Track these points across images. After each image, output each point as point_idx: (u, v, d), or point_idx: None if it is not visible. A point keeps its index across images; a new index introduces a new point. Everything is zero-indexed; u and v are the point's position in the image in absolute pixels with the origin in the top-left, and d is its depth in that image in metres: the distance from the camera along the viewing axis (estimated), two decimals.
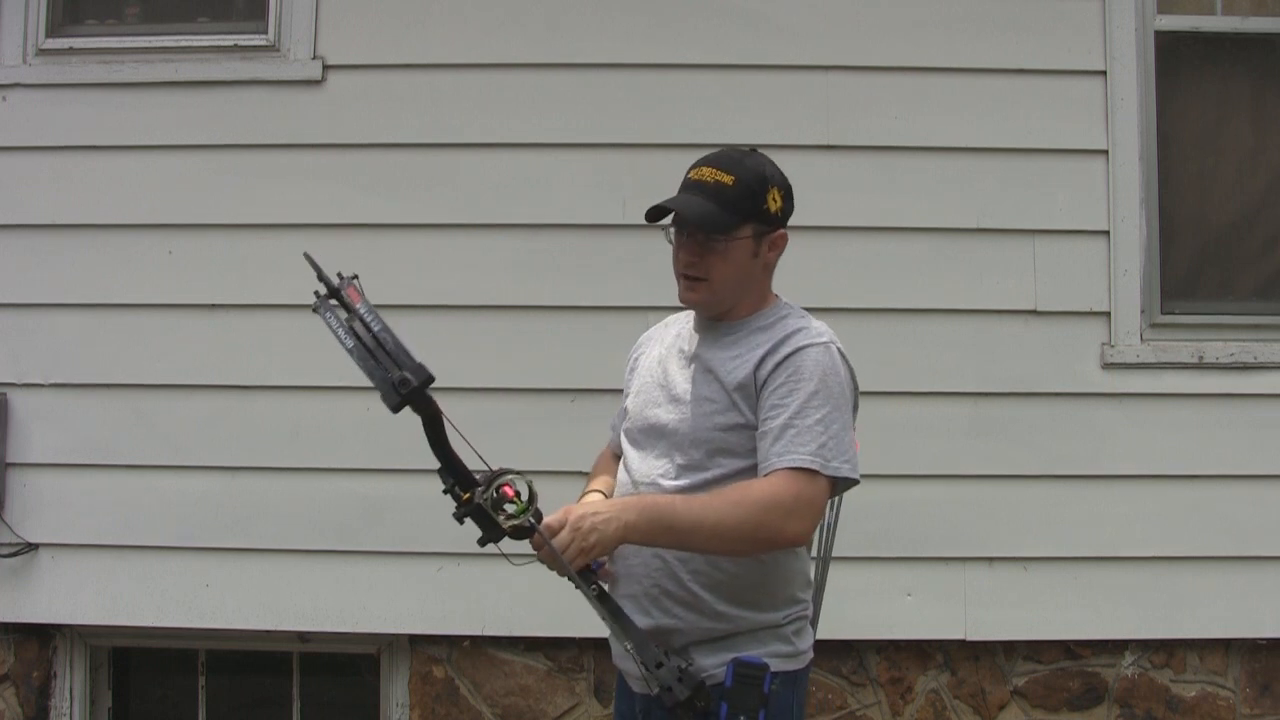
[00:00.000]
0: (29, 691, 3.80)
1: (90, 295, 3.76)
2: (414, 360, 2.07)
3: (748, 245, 2.22)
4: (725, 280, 2.24)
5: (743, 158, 2.26)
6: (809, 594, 2.30)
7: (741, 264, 2.23)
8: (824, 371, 2.16)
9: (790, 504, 2.09)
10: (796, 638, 2.24)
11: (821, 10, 3.74)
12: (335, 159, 3.76)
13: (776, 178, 2.25)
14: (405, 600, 3.67)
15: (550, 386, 3.67)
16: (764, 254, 2.26)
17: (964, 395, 3.67)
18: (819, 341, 2.19)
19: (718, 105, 3.70)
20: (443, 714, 3.75)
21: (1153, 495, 3.66)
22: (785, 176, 2.28)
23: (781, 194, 2.24)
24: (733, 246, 2.22)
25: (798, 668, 2.24)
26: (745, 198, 2.20)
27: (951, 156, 3.72)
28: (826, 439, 2.11)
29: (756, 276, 2.27)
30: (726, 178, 2.21)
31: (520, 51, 3.77)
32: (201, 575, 3.70)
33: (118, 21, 3.96)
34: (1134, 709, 3.70)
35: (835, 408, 2.14)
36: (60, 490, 3.74)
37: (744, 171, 2.22)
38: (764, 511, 2.08)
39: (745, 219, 2.21)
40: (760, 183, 2.22)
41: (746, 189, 2.21)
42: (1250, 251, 3.86)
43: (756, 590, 2.20)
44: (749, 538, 2.10)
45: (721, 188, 2.20)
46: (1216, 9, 3.80)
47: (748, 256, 2.23)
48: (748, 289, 2.27)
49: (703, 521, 2.08)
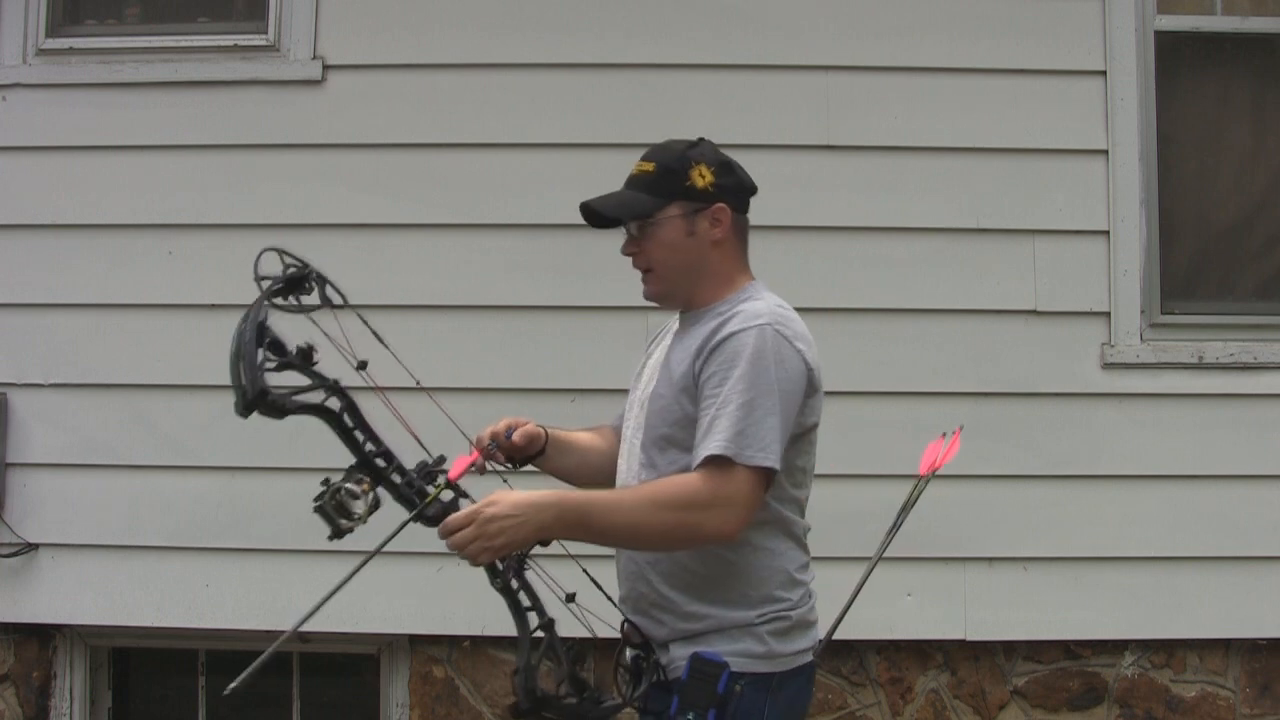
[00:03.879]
0: (29, 691, 3.80)
1: (90, 295, 3.76)
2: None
3: (679, 224, 2.20)
4: (666, 265, 2.22)
5: (668, 145, 2.26)
6: (794, 593, 2.18)
7: (678, 245, 2.20)
8: (753, 355, 2.07)
9: (706, 500, 2.02)
10: (774, 638, 2.15)
11: (821, 10, 3.74)
12: (335, 159, 3.76)
13: (706, 156, 2.22)
14: (405, 600, 3.67)
15: (550, 386, 3.67)
16: (704, 231, 2.20)
17: (964, 395, 3.66)
18: (753, 324, 2.10)
19: (718, 105, 3.70)
20: (443, 714, 3.75)
21: (1153, 495, 3.66)
22: (724, 157, 2.24)
23: (713, 170, 2.20)
24: (662, 229, 2.20)
25: (772, 670, 2.14)
26: (665, 178, 2.20)
27: (951, 156, 3.72)
28: (745, 426, 2.03)
29: (706, 257, 2.22)
30: (648, 165, 2.23)
31: (520, 51, 3.77)
32: (201, 575, 3.70)
33: (118, 21, 3.97)
34: (1134, 709, 3.70)
35: (761, 392, 2.05)
36: (60, 490, 3.74)
37: (664, 155, 2.23)
38: (679, 509, 2.03)
39: (669, 198, 2.19)
40: (680, 161, 2.20)
41: (665, 170, 2.20)
42: (1250, 251, 3.86)
43: (725, 588, 2.15)
44: (667, 536, 2.06)
45: (643, 176, 2.23)
46: (1216, 9, 3.80)
47: (682, 236, 2.20)
48: (699, 272, 2.22)
49: (619, 521, 2.05)
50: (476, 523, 2.02)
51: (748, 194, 2.28)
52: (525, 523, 2.01)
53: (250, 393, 2.10)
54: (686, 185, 2.19)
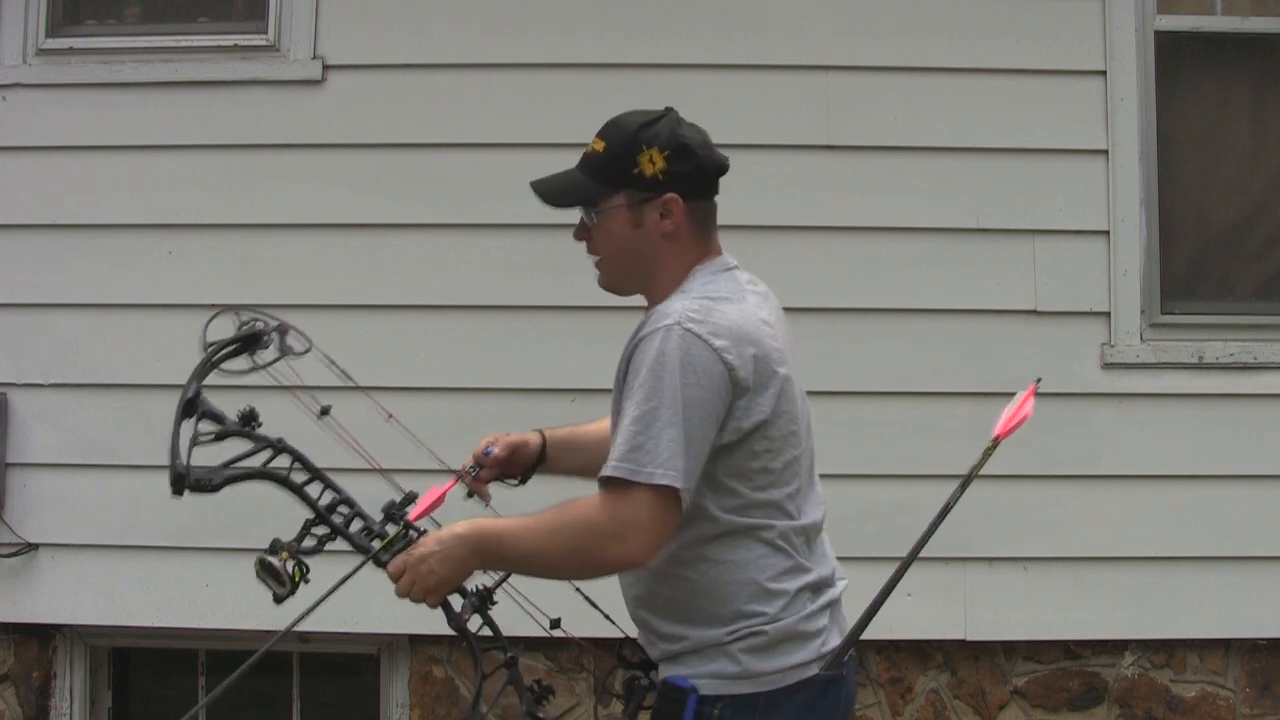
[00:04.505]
0: (29, 691, 3.80)
1: (90, 295, 3.76)
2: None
3: (622, 215, 2.04)
4: (611, 256, 2.09)
5: (622, 120, 2.07)
6: (771, 605, 1.99)
7: (622, 236, 2.05)
8: (653, 361, 1.89)
9: (603, 526, 1.88)
10: (750, 656, 1.98)
11: (821, 10, 3.74)
12: (335, 159, 3.76)
13: (660, 137, 2.01)
14: (405, 600, 3.66)
15: (550, 387, 3.67)
16: (652, 223, 2.03)
17: (964, 395, 3.66)
18: (659, 326, 1.92)
19: (718, 105, 3.69)
20: (443, 714, 3.74)
21: (1153, 495, 3.66)
22: (681, 138, 2.02)
23: (665, 155, 2.00)
24: (608, 218, 2.05)
25: (755, 690, 1.98)
26: (612, 163, 2.03)
27: (951, 156, 3.72)
28: (642, 441, 1.86)
29: (655, 250, 2.04)
30: (599, 144, 2.07)
31: (520, 51, 3.77)
32: (201, 575, 3.70)
33: (118, 21, 3.96)
34: (1134, 709, 3.70)
35: (661, 402, 1.87)
36: (60, 490, 3.74)
37: (616, 134, 2.05)
38: (578, 537, 1.92)
39: (615, 186, 2.03)
40: (629, 145, 2.02)
41: (612, 154, 2.04)
42: (1250, 251, 3.86)
43: (690, 607, 2.01)
44: (574, 565, 1.97)
45: (593, 156, 2.08)
46: (1216, 9, 3.80)
47: (626, 228, 2.04)
48: (649, 265, 2.06)
49: (527, 552, 1.97)
50: (409, 567, 2.02)
51: (710, 177, 2.07)
52: (448, 555, 1.98)
53: (171, 475, 2.11)
54: (634, 173, 2.01)
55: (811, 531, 2.09)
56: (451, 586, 2.04)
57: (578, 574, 2.05)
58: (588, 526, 1.91)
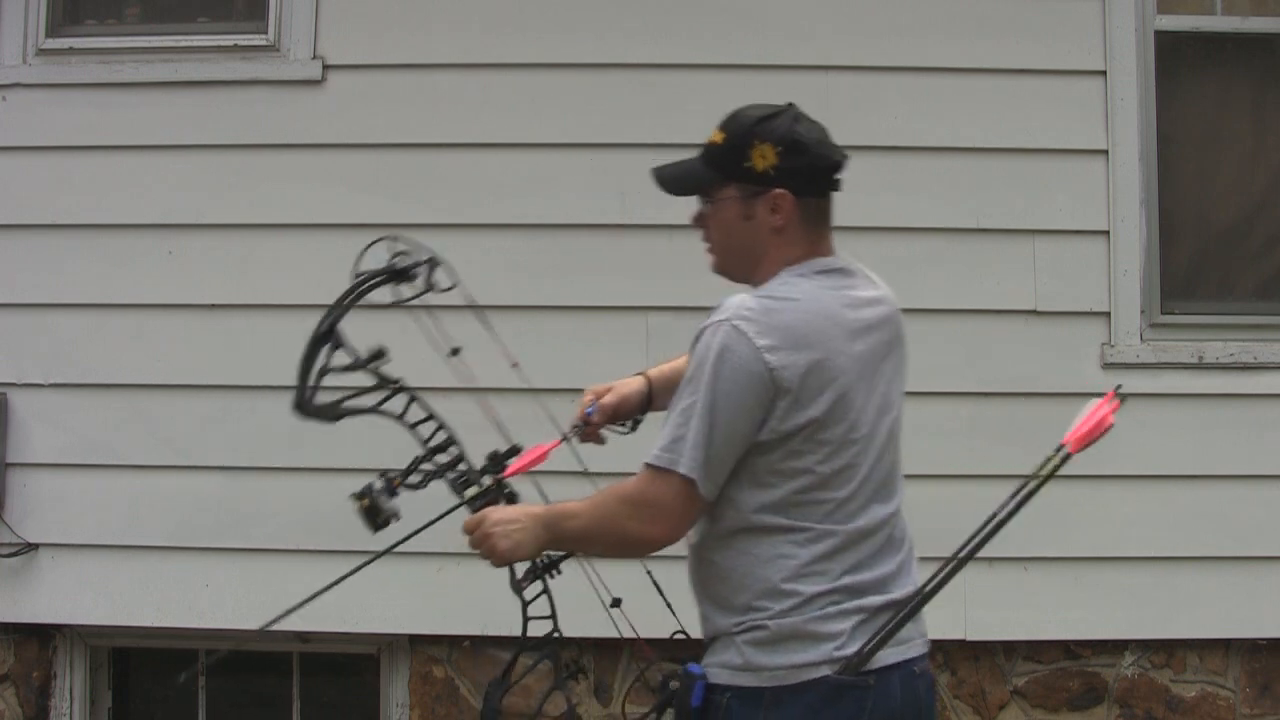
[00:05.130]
0: (29, 691, 3.80)
1: (90, 295, 3.76)
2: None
3: (734, 207, 2.07)
4: (721, 246, 2.13)
5: (742, 112, 2.11)
6: (780, 602, 2.01)
7: (730, 227, 2.09)
8: (699, 356, 1.97)
9: (636, 502, 2.00)
10: (752, 649, 2.01)
11: (821, 10, 3.74)
12: (335, 159, 3.76)
13: (774, 133, 2.04)
14: (405, 600, 3.67)
15: (550, 386, 3.66)
16: (761, 216, 2.06)
17: (964, 395, 3.66)
18: (714, 321, 1.98)
19: (718, 105, 3.68)
20: (443, 714, 3.74)
21: (1153, 495, 3.66)
22: (796, 134, 2.05)
23: (777, 150, 2.03)
24: (719, 208, 2.09)
25: (759, 684, 2.00)
26: (726, 155, 2.07)
27: (951, 156, 3.72)
28: (681, 432, 1.96)
29: (764, 243, 2.07)
30: (718, 135, 2.11)
31: (520, 51, 3.77)
32: (201, 575, 3.70)
33: (117, 21, 3.96)
34: (1134, 709, 3.70)
35: (699, 398, 1.95)
36: (60, 490, 3.74)
37: (733, 126, 2.09)
38: (616, 515, 2.03)
39: (728, 178, 2.07)
40: (743, 138, 2.05)
41: (728, 146, 2.07)
42: (1250, 251, 3.86)
43: (713, 591, 2.09)
44: (613, 542, 2.07)
45: (712, 147, 2.11)
46: (1216, 9, 3.80)
47: (737, 219, 2.08)
48: (757, 258, 2.09)
49: (582, 529, 2.07)
50: (486, 527, 2.10)
51: (823, 175, 2.09)
52: (525, 530, 2.09)
53: (295, 399, 2.26)
54: (746, 166, 2.05)
55: (862, 538, 2.06)
56: (518, 559, 2.14)
57: (616, 550, 2.13)
58: (623, 504, 2.02)
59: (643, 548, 2.08)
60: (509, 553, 2.11)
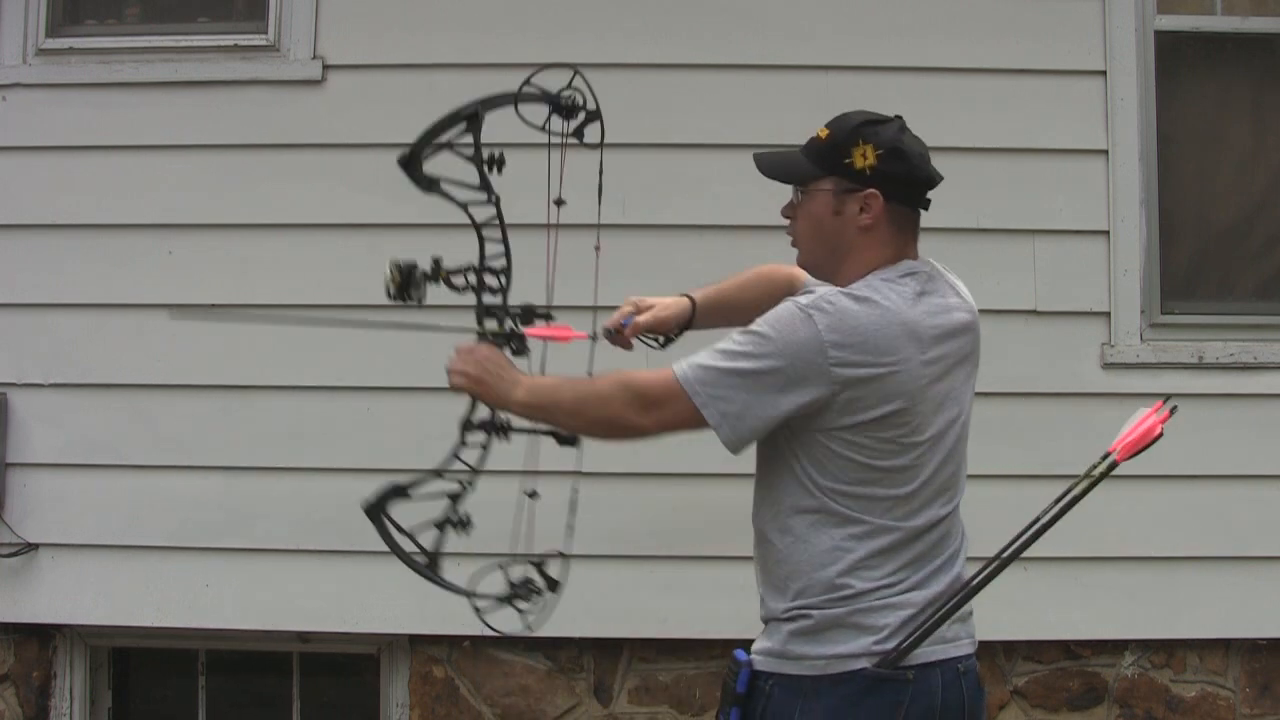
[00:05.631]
0: (29, 691, 3.80)
1: (90, 295, 3.76)
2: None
3: (826, 200, 2.12)
4: (804, 235, 2.18)
5: (852, 114, 2.16)
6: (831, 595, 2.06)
7: (819, 219, 2.14)
8: (773, 318, 2.02)
9: (643, 397, 2.06)
10: (795, 639, 2.07)
11: (821, 10, 3.74)
12: (335, 159, 3.76)
13: (878, 136, 2.10)
14: (405, 600, 3.66)
15: None
16: (850, 214, 2.11)
17: None
18: (799, 301, 2.04)
19: (718, 105, 3.70)
20: (443, 714, 3.74)
21: (1153, 495, 3.65)
22: (900, 142, 2.12)
23: (878, 153, 2.09)
24: (810, 199, 2.15)
25: (800, 673, 2.05)
26: (830, 150, 2.12)
27: (951, 156, 3.65)
28: (721, 367, 2.01)
29: (850, 241, 2.12)
30: (824, 132, 2.16)
31: (520, 51, 3.75)
32: (201, 575, 3.70)
33: (117, 21, 3.96)
34: (1134, 709, 3.70)
35: (751, 351, 2.00)
36: (60, 490, 3.74)
37: (840, 124, 2.15)
38: (611, 393, 2.10)
39: (826, 171, 2.12)
40: (848, 136, 2.11)
41: (833, 141, 2.13)
42: (1250, 251, 3.86)
43: (770, 572, 2.13)
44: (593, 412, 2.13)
45: (816, 141, 2.17)
46: (1216, 9, 3.80)
47: (827, 212, 2.13)
48: (841, 254, 2.13)
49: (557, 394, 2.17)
50: (474, 353, 2.25)
51: (918, 186, 2.17)
52: (501, 373, 2.21)
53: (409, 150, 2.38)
54: (845, 162, 2.10)
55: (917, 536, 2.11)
56: (479, 392, 2.23)
57: (590, 425, 2.18)
58: (627, 391, 2.08)
59: (624, 434, 2.14)
60: (475, 382, 2.21)
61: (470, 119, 2.35)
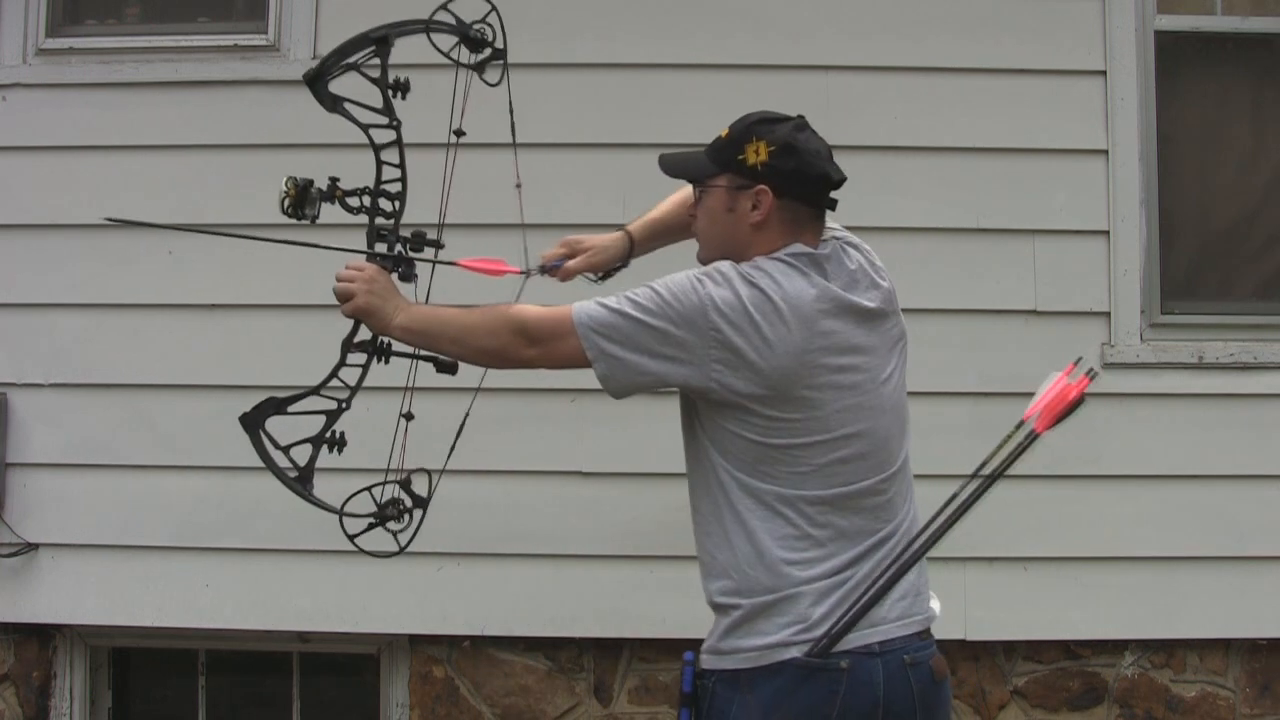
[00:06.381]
0: (29, 691, 3.80)
1: (90, 295, 3.76)
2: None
3: (721, 196, 2.17)
4: (701, 231, 2.23)
5: (753, 113, 2.20)
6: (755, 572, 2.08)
7: (717, 217, 2.18)
8: (668, 281, 2.09)
9: (532, 333, 2.13)
10: (729, 632, 2.10)
11: (821, 10, 3.74)
12: (335, 159, 3.75)
13: (772, 134, 2.14)
14: (405, 600, 3.67)
15: (550, 386, 3.67)
16: (742, 210, 2.15)
17: (964, 395, 3.66)
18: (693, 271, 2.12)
19: (718, 105, 3.67)
20: (443, 714, 3.75)
21: (1153, 495, 3.65)
22: (792, 139, 2.14)
23: (771, 149, 2.12)
24: (707, 196, 2.20)
25: (736, 666, 2.07)
26: (725, 147, 2.17)
27: (951, 156, 3.72)
28: (609, 307, 2.08)
29: (744, 238, 2.15)
30: (725, 130, 2.21)
31: (519, 52, 3.74)
32: (201, 575, 3.70)
33: (118, 21, 3.96)
34: (1134, 709, 3.70)
35: (642, 307, 2.06)
36: (60, 490, 3.74)
37: (738, 123, 2.19)
38: (498, 325, 2.16)
39: (722, 169, 2.17)
40: (743, 133, 2.16)
41: (729, 139, 2.18)
42: (1250, 251, 3.86)
43: (701, 546, 2.16)
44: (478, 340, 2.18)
45: (717, 140, 2.21)
46: (1216, 9, 3.80)
47: (721, 209, 2.17)
48: (732, 250, 2.16)
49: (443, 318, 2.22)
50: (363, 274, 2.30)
51: (811, 183, 2.16)
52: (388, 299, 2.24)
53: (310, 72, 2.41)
54: (739, 159, 2.15)
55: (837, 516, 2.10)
56: (366, 317, 2.27)
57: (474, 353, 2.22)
58: (513, 322, 2.15)
59: (508, 364, 2.20)
60: (362, 308, 2.25)
61: (379, 42, 2.39)
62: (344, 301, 2.28)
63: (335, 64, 2.38)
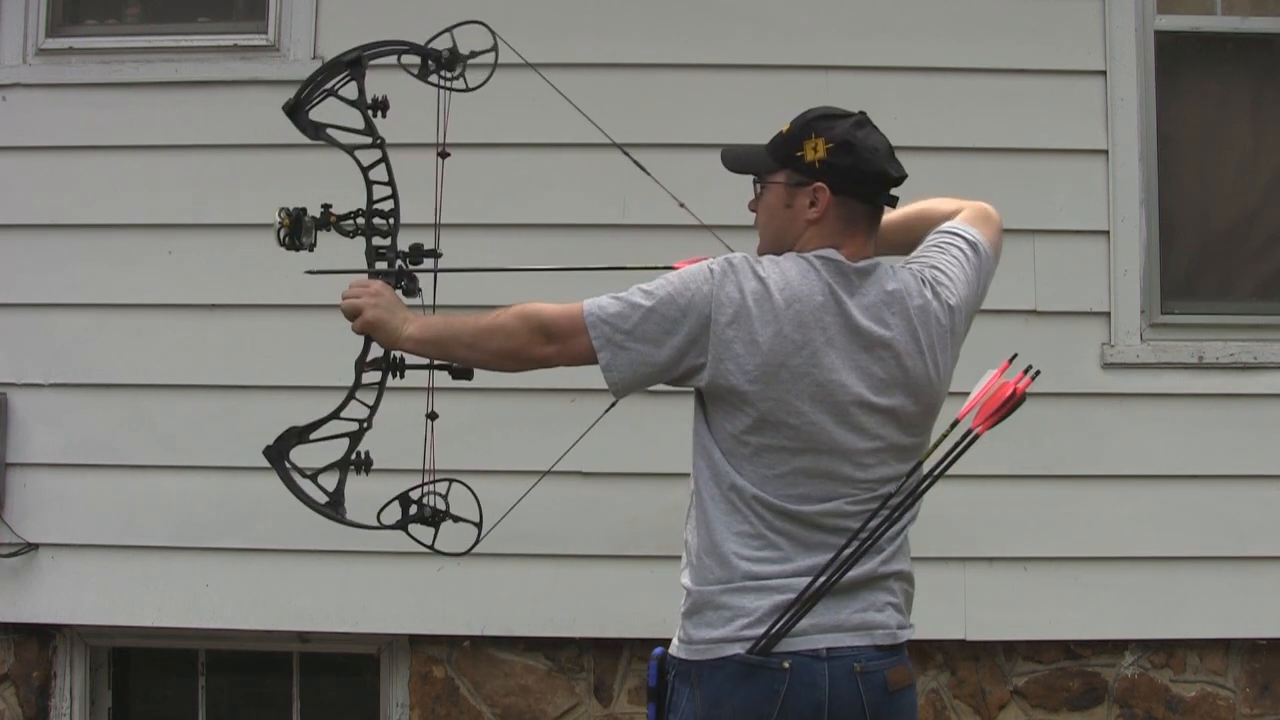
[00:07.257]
0: (29, 691, 3.80)
1: (90, 295, 3.76)
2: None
3: (779, 192, 2.16)
4: (761, 226, 2.23)
5: (814, 108, 2.19)
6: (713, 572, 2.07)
7: (775, 213, 2.18)
8: (681, 271, 2.12)
9: (543, 320, 2.13)
10: (687, 619, 2.09)
11: (821, 10, 3.74)
12: (335, 159, 3.74)
13: (831, 130, 2.12)
14: (405, 600, 3.67)
15: (550, 386, 3.66)
16: (800, 206, 2.14)
17: (964, 395, 3.65)
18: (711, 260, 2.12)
19: (718, 105, 3.70)
20: (443, 714, 3.75)
21: (1153, 495, 3.66)
22: (852, 136, 2.11)
23: (829, 146, 2.11)
24: (767, 191, 2.20)
25: (690, 657, 2.06)
26: (785, 143, 2.16)
27: (951, 156, 3.71)
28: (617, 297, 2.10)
29: (799, 233, 2.15)
30: (786, 125, 2.19)
31: (520, 52, 3.76)
32: (201, 575, 3.70)
33: (118, 21, 3.97)
34: (1134, 709, 3.70)
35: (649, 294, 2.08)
36: (60, 490, 3.74)
37: (798, 118, 2.18)
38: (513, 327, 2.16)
39: (781, 164, 2.17)
40: (802, 129, 2.15)
41: (789, 134, 2.17)
42: (1250, 251, 3.86)
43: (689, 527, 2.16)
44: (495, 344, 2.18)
45: (778, 135, 2.20)
46: (1216, 9, 3.80)
47: (780, 205, 2.17)
48: (788, 244, 2.16)
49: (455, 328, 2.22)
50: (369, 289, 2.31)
51: (868, 180, 2.14)
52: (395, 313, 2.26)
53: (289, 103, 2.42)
54: (798, 155, 2.14)
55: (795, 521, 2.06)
56: (375, 332, 2.29)
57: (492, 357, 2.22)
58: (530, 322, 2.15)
59: (526, 364, 2.20)
60: (370, 321, 2.26)
61: (352, 65, 2.43)
62: (352, 318, 2.29)
63: (312, 92, 2.40)
